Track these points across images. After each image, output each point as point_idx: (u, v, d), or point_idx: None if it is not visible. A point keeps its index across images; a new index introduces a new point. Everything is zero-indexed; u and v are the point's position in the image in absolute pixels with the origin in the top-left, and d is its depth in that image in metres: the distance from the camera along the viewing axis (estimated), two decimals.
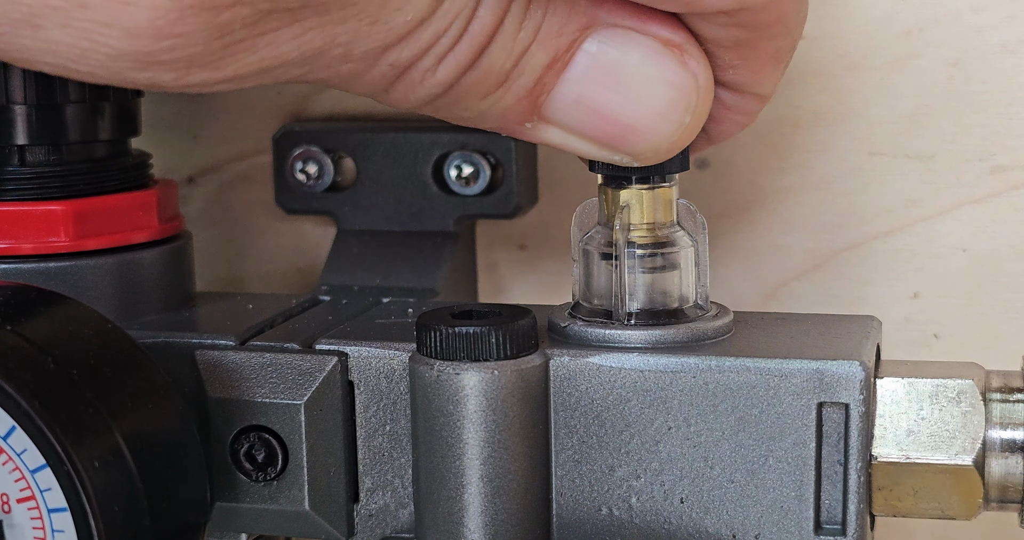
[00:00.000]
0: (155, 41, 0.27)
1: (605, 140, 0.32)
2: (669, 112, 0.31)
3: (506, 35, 0.30)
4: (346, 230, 0.45)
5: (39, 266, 0.37)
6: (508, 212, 0.43)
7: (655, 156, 0.32)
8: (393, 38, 0.29)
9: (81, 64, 0.28)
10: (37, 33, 0.27)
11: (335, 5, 0.28)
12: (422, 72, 0.30)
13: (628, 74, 0.31)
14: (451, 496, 0.34)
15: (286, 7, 0.27)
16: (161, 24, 0.27)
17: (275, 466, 0.35)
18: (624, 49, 0.31)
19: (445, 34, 0.29)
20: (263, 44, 0.28)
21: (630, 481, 0.34)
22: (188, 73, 0.28)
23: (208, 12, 0.27)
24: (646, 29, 0.31)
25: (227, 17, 0.27)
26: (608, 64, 0.31)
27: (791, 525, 0.34)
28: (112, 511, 0.30)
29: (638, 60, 0.31)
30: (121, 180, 0.39)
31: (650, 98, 0.31)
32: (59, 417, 0.30)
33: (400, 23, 0.29)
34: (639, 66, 0.31)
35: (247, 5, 0.27)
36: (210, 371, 0.36)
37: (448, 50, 0.30)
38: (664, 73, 0.31)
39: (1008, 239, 0.42)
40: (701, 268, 0.36)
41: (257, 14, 0.27)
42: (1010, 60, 0.41)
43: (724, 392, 0.33)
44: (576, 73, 0.31)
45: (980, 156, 0.42)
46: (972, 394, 0.33)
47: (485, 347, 0.33)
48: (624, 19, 0.31)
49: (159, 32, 0.27)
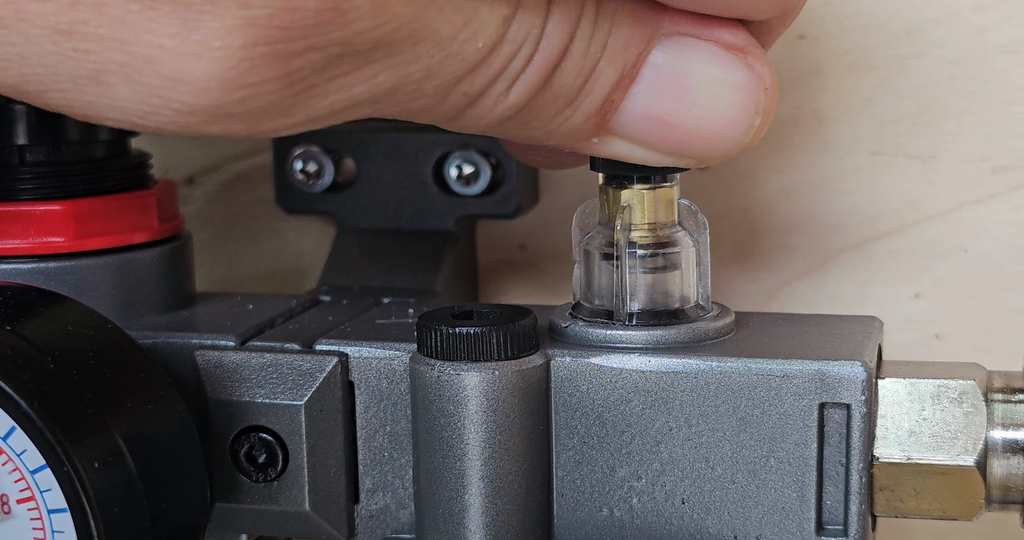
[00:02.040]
0: (227, 94, 0.26)
1: (674, 148, 0.31)
2: (739, 116, 0.31)
3: (576, 52, 0.29)
4: (346, 230, 0.45)
5: (39, 266, 0.37)
6: (508, 212, 0.43)
7: (724, 158, 0.32)
8: (466, 68, 0.28)
9: (149, 120, 0.26)
10: (102, 90, 0.26)
11: (407, 43, 0.27)
12: (494, 98, 0.29)
13: (695, 82, 0.30)
14: (452, 497, 0.34)
15: (357, 50, 0.27)
16: (233, 75, 0.26)
17: (275, 467, 0.35)
18: (689, 57, 0.30)
19: (516, 56, 0.28)
20: (335, 88, 0.27)
21: (631, 482, 0.34)
22: (260, 123, 0.27)
23: (280, 60, 0.26)
24: (708, 34, 0.30)
25: (299, 63, 0.26)
26: (674, 74, 0.30)
27: (793, 526, 0.34)
28: (112, 511, 0.30)
29: (704, 67, 0.30)
30: (121, 180, 0.39)
31: (719, 104, 0.31)
32: (59, 418, 0.30)
33: (472, 52, 0.28)
34: (705, 73, 0.30)
35: (319, 50, 0.26)
36: (210, 371, 0.36)
37: (520, 72, 0.29)
38: (730, 78, 0.30)
39: (1010, 239, 0.42)
40: (702, 268, 0.36)
41: (328, 59, 0.26)
42: (1011, 60, 0.41)
43: (725, 393, 0.33)
44: (643, 86, 0.30)
45: (982, 156, 0.42)
46: (974, 395, 0.33)
47: (486, 347, 0.33)
48: (686, 26, 0.30)
49: (230, 84, 0.26)
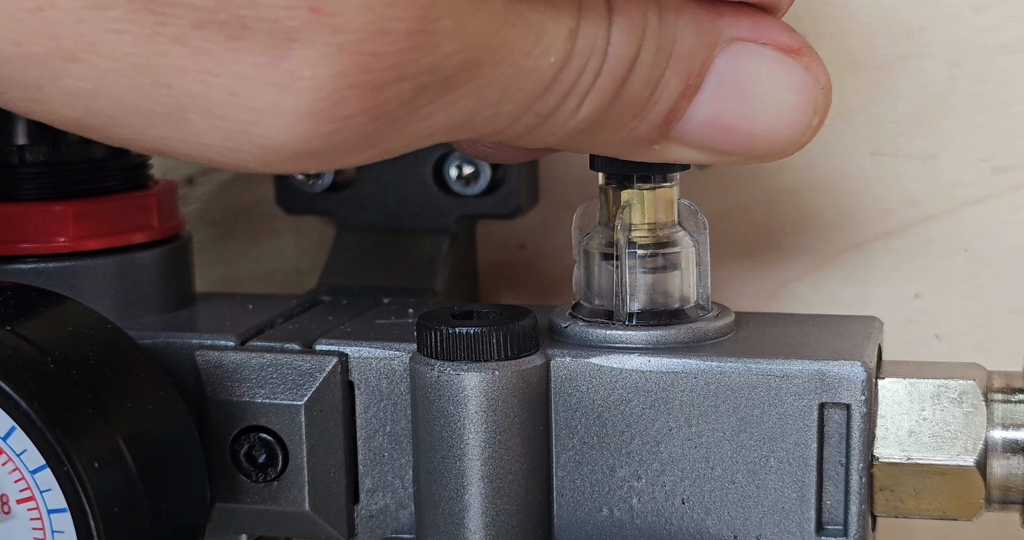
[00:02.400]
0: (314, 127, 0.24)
1: (733, 151, 0.31)
2: (799, 117, 0.31)
3: (643, 63, 0.29)
4: (346, 230, 0.45)
5: (39, 266, 0.37)
6: (508, 212, 0.43)
7: (781, 157, 0.32)
8: (541, 87, 0.27)
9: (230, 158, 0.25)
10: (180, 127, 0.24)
11: (486, 65, 0.26)
12: (566, 114, 0.28)
13: (756, 87, 0.30)
14: (451, 497, 0.34)
15: (443, 76, 0.26)
16: (322, 107, 0.24)
17: (275, 467, 0.35)
18: (750, 63, 0.30)
19: (586, 69, 0.28)
20: (416, 119, 0.26)
21: (631, 482, 0.34)
22: (340, 159, 0.26)
23: (370, 91, 0.25)
24: (766, 38, 0.30)
25: (388, 94, 0.25)
26: (737, 81, 0.30)
27: (793, 526, 0.34)
28: (112, 512, 0.30)
29: (765, 72, 0.30)
30: (121, 180, 0.39)
31: (779, 108, 0.30)
32: (59, 418, 0.30)
33: (545, 68, 0.27)
34: (766, 78, 0.30)
35: (409, 80, 0.25)
36: (210, 371, 0.36)
37: (590, 87, 0.28)
38: (790, 80, 0.30)
39: (1010, 239, 0.42)
40: (702, 268, 0.36)
41: (416, 89, 0.25)
42: (1012, 60, 0.41)
43: (725, 393, 0.33)
44: (706, 94, 0.30)
45: (982, 156, 0.42)
46: (974, 395, 0.33)
47: (486, 348, 0.33)
48: (744, 31, 0.30)
49: (319, 116, 0.24)
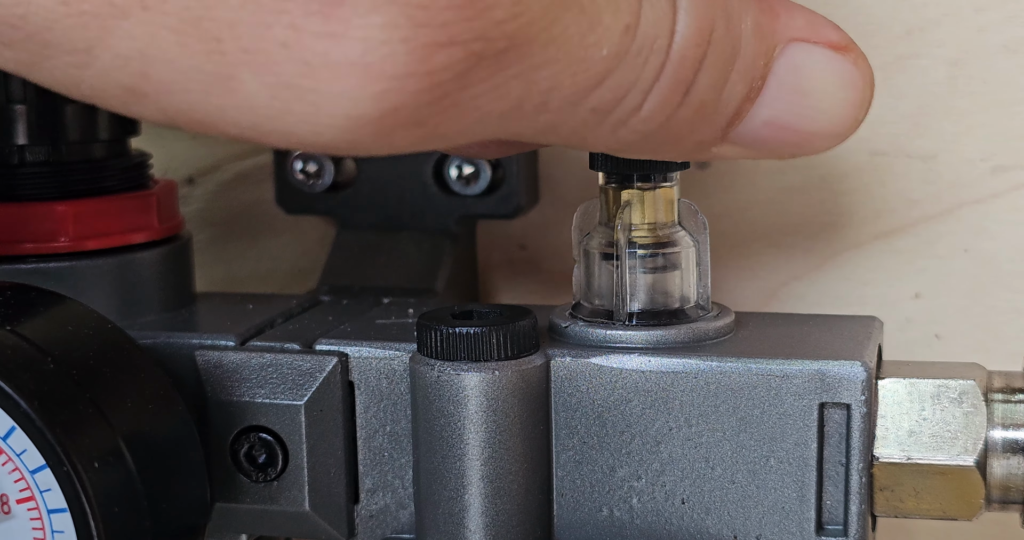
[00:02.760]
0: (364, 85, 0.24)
1: (784, 149, 0.31)
2: (850, 113, 0.31)
3: (710, 65, 0.28)
4: (346, 230, 0.45)
5: (39, 266, 0.37)
6: (508, 212, 0.43)
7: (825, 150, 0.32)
8: (593, 79, 0.26)
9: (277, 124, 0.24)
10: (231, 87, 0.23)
11: (537, 43, 0.25)
12: (627, 113, 0.27)
13: (811, 87, 0.30)
14: (452, 497, 0.34)
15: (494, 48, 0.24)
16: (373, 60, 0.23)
17: (275, 467, 0.35)
18: (806, 63, 0.30)
19: (645, 67, 0.27)
20: (467, 98, 0.25)
21: (631, 482, 0.34)
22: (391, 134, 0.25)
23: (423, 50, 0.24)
24: (818, 36, 0.30)
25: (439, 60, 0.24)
26: (795, 82, 0.30)
27: (793, 526, 0.33)
28: (112, 512, 0.30)
29: (820, 72, 0.30)
30: (121, 180, 0.39)
31: (832, 105, 0.30)
32: (58, 417, 0.30)
33: (597, 60, 0.26)
34: (821, 78, 0.30)
35: (459, 45, 0.24)
36: (210, 371, 0.36)
37: (651, 86, 0.27)
38: (842, 78, 0.30)
39: (1010, 239, 0.42)
40: (702, 268, 0.36)
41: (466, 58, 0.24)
42: (1012, 60, 0.41)
43: (725, 393, 0.33)
44: (767, 96, 0.30)
45: (982, 156, 0.42)
46: (974, 395, 0.33)
47: (486, 347, 0.33)
48: (800, 30, 0.30)
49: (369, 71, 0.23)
